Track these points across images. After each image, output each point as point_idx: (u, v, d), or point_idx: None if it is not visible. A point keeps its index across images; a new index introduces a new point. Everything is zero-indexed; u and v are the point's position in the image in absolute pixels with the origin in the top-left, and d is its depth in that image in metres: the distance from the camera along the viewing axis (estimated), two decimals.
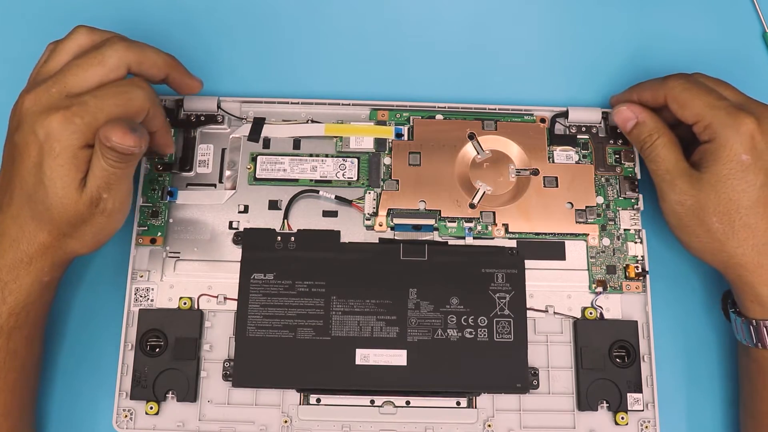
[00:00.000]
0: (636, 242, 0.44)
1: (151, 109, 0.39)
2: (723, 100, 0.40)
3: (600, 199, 0.45)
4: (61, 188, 0.36)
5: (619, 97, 0.45)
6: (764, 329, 0.39)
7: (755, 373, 0.41)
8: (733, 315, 0.41)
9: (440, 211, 0.44)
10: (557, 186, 0.45)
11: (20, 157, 0.37)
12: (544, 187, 0.45)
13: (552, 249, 0.44)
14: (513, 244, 0.44)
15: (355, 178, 0.45)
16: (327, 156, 0.45)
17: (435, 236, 0.44)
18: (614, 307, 0.43)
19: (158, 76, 0.40)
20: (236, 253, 0.43)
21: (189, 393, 0.41)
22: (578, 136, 0.46)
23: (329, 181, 0.45)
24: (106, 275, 0.44)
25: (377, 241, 0.44)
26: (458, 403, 0.42)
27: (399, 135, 0.46)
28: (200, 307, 0.43)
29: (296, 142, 0.46)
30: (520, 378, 0.41)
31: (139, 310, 0.42)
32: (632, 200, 0.45)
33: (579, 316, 0.43)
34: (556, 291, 0.44)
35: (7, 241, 0.38)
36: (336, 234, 0.44)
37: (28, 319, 0.39)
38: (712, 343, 0.45)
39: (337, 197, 0.44)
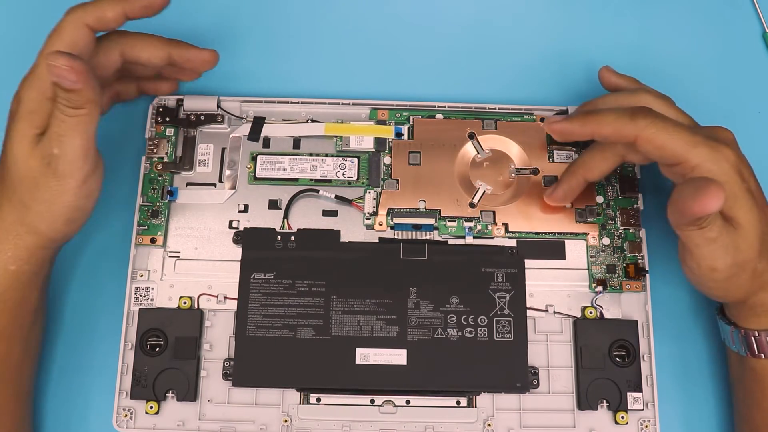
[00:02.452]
0: (636, 242, 0.44)
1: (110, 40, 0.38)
2: (695, 133, 0.36)
3: (600, 199, 0.45)
4: (17, 143, 0.36)
5: (564, 126, 0.39)
6: (765, 339, 0.38)
7: (751, 382, 0.40)
8: (728, 327, 0.40)
9: (440, 210, 0.44)
10: None
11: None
12: (544, 186, 0.45)
13: (552, 248, 0.44)
14: (513, 243, 0.44)
15: (355, 178, 0.45)
16: (327, 155, 0.45)
17: (435, 236, 0.44)
18: (614, 306, 0.43)
19: (157, 55, 0.41)
20: (236, 252, 0.43)
21: (189, 392, 0.41)
22: None
23: (329, 181, 0.45)
24: (106, 275, 0.44)
25: (377, 241, 0.44)
26: (458, 403, 0.42)
27: (399, 134, 0.46)
28: (200, 307, 0.43)
29: (296, 142, 0.46)
30: (520, 377, 0.41)
31: (139, 309, 0.42)
32: (632, 200, 0.45)
33: (579, 315, 0.43)
34: (556, 290, 0.43)
35: None
36: (336, 233, 0.44)
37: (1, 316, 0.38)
38: (713, 342, 0.45)
39: (337, 197, 0.44)
